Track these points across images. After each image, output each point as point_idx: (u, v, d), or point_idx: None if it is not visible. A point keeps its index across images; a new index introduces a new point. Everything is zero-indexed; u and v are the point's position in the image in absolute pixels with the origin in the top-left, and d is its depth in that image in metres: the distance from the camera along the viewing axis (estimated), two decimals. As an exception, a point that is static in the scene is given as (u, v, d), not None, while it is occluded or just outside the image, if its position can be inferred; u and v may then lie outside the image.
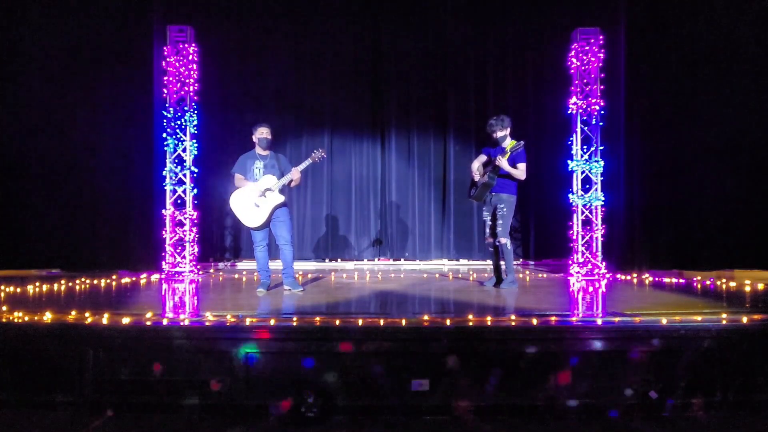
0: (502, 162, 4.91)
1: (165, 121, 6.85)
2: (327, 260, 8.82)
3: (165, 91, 6.91)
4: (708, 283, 5.80)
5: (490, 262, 5.78)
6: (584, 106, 6.92)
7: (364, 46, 8.78)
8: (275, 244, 5.04)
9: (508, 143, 5.08)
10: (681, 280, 6.07)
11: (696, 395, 3.19)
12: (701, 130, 6.94)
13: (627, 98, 7.12)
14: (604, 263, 6.82)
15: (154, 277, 6.62)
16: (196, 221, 6.97)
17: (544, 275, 7.05)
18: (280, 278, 5.20)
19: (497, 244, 5.18)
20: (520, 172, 5.00)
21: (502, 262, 5.37)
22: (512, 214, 5.16)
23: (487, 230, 5.25)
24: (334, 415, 3.10)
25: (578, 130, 6.94)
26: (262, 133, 4.91)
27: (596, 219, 6.89)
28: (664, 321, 3.28)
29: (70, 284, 5.60)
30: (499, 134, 5.10)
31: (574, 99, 6.95)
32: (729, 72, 6.83)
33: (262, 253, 4.98)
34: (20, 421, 3.03)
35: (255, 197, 4.81)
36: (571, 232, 7.01)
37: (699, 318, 3.36)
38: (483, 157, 5.29)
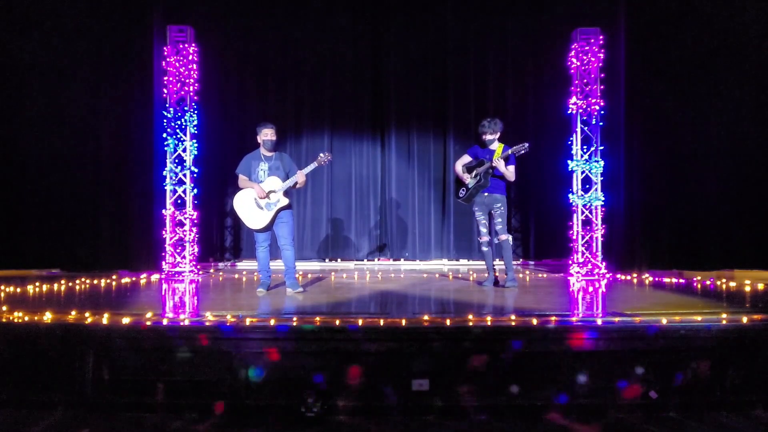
0: (500, 164, 4.97)
1: (165, 121, 6.85)
2: (327, 260, 8.82)
3: (165, 91, 6.91)
4: (708, 283, 5.80)
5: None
6: (584, 106, 6.92)
7: (364, 46, 8.78)
8: (275, 244, 5.04)
9: (497, 146, 5.12)
10: (681, 280, 6.07)
11: (696, 395, 3.19)
12: (701, 130, 6.95)
13: (627, 98, 7.12)
14: (604, 263, 6.82)
15: (154, 277, 6.62)
16: (196, 221, 6.97)
17: (544, 275, 7.04)
18: (280, 278, 5.20)
19: (497, 241, 5.19)
20: (511, 174, 5.07)
21: (496, 261, 5.38)
22: (506, 211, 5.22)
23: (483, 229, 5.25)
24: (334, 415, 3.10)
25: (578, 130, 6.94)
26: (266, 134, 4.86)
27: (596, 219, 6.89)
28: (664, 321, 3.28)
29: (70, 284, 5.60)
30: (490, 137, 5.14)
31: (574, 99, 6.96)
32: (729, 71, 6.83)
33: (264, 254, 4.97)
34: (20, 421, 3.03)
35: (259, 199, 4.81)
36: (571, 232, 7.01)
37: (699, 318, 3.36)
38: (466, 158, 5.33)
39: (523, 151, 4.94)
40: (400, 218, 8.97)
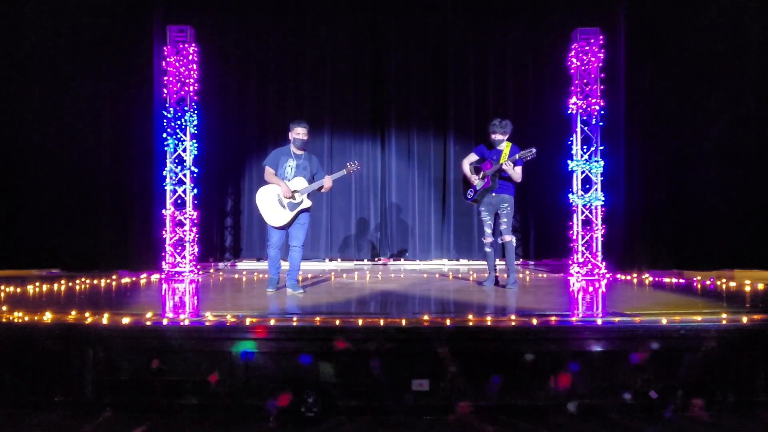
0: (509, 167, 4.95)
1: (165, 121, 6.85)
2: (327, 260, 8.82)
3: (165, 91, 6.91)
4: (708, 283, 5.80)
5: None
6: (584, 106, 6.92)
7: (364, 45, 8.78)
8: (286, 243, 5.06)
9: (505, 146, 5.09)
10: (681, 280, 6.07)
11: (696, 395, 3.19)
12: (701, 130, 6.94)
13: (627, 98, 7.12)
14: (604, 263, 6.82)
15: (154, 277, 6.62)
16: (196, 221, 6.97)
17: (544, 275, 7.04)
18: (285, 279, 5.22)
19: (501, 241, 5.18)
20: (519, 175, 5.06)
21: (498, 261, 5.39)
22: (513, 211, 5.21)
23: (487, 230, 5.23)
24: (333, 415, 3.10)
25: (578, 130, 6.94)
26: (298, 133, 4.89)
27: (596, 219, 6.89)
28: (664, 321, 3.28)
29: (70, 284, 5.60)
30: (499, 137, 5.10)
31: (574, 99, 6.95)
32: (729, 71, 6.82)
33: (275, 253, 4.99)
34: (20, 421, 3.03)
35: (282, 197, 4.81)
36: (571, 232, 7.01)
37: (699, 318, 3.35)
38: (473, 157, 5.30)
39: (530, 157, 4.93)
40: (400, 218, 8.97)
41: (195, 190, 6.97)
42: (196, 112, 6.98)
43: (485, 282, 5.44)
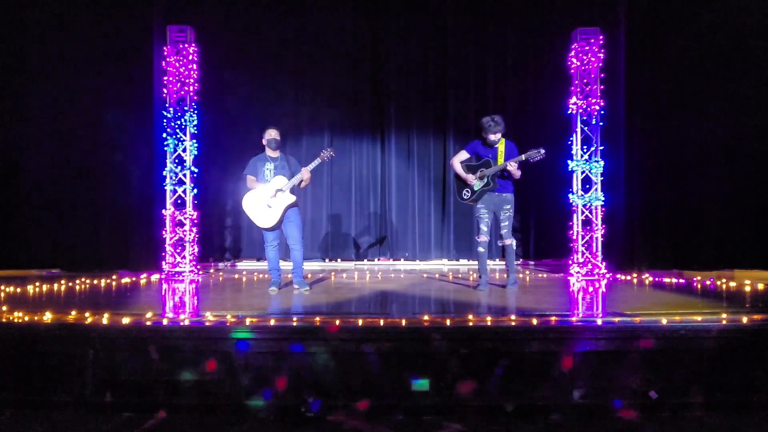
0: (513, 168, 4.85)
1: (165, 121, 6.85)
2: (327, 260, 8.82)
3: (165, 91, 6.91)
4: (708, 283, 5.79)
5: (490, 262, 5.66)
6: (584, 106, 6.91)
7: (364, 45, 8.78)
8: (284, 242, 5.10)
9: (500, 144, 4.98)
10: (681, 280, 6.07)
11: (696, 395, 3.19)
12: (701, 130, 6.94)
13: (627, 98, 7.11)
14: (604, 263, 6.82)
15: (154, 277, 6.61)
16: (196, 221, 6.97)
17: (544, 275, 7.04)
18: (288, 278, 5.22)
19: (500, 244, 5.10)
20: (519, 173, 4.97)
21: (497, 261, 5.33)
22: (513, 213, 5.10)
23: (484, 227, 5.01)
24: (334, 415, 3.09)
25: (578, 130, 6.94)
26: (270, 134, 4.99)
27: (596, 219, 6.89)
28: (664, 321, 3.28)
29: (70, 284, 5.60)
30: (496, 137, 4.94)
31: (574, 99, 6.95)
32: (729, 72, 6.83)
33: (274, 253, 5.04)
34: (20, 421, 3.03)
35: (267, 198, 4.87)
36: (571, 232, 7.01)
37: (699, 318, 3.36)
38: (464, 155, 5.15)
39: (538, 158, 4.76)
40: (400, 218, 8.97)
41: (195, 190, 6.97)
42: (196, 112, 6.98)
43: (479, 286, 5.13)
